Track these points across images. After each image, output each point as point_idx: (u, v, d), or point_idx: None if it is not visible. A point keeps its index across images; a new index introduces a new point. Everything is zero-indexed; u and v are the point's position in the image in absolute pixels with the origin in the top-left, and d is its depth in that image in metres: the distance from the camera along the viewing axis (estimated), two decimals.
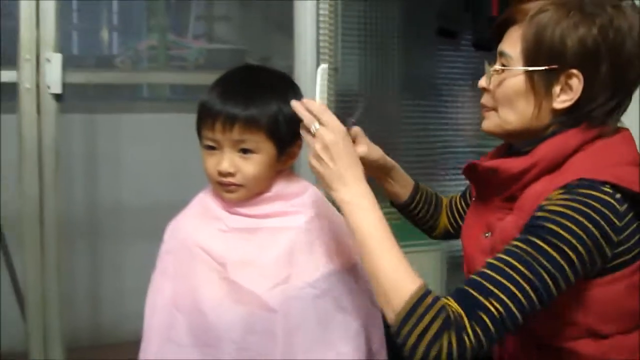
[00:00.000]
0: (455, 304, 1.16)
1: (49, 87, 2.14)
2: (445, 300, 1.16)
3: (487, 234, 1.38)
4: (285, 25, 2.39)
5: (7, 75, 2.16)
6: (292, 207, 1.39)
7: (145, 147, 2.97)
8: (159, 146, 2.96)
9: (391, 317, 1.16)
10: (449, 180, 2.93)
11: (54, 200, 2.31)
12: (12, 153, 2.27)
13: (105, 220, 2.91)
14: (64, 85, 2.15)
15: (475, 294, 1.16)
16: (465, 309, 1.15)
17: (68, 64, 2.14)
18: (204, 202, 1.44)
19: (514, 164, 1.32)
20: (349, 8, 2.67)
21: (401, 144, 2.84)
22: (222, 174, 1.36)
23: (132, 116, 3.08)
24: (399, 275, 1.17)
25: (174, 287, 1.39)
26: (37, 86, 2.14)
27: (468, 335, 1.13)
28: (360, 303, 1.38)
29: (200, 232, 1.40)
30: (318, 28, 2.36)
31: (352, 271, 1.39)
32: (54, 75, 2.13)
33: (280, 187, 1.41)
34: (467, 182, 1.55)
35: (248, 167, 1.36)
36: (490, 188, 1.40)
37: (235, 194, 1.38)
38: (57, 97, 2.16)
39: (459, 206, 1.71)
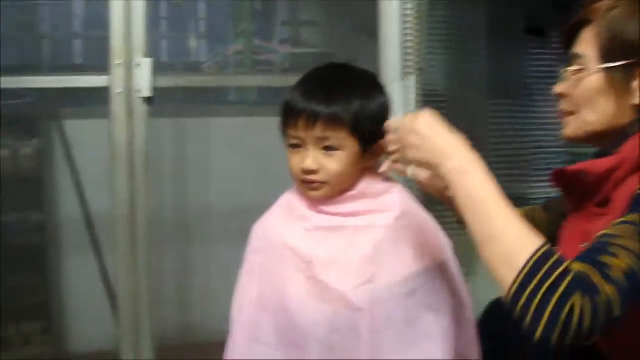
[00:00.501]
0: (581, 264, 1.07)
1: (139, 91, 2.18)
2: (570, 262, 1.08)
3: (584, 244, 1.34)
4: (370, 28, 2.38)
5: (99, 80, 2.22)
6: (378, 205, 1.38)
7: (233, 150, 3.01)
8: (247, 149, 2.99)
9: (511, 277, 1.06)
10: (541, 180, 2.84)
11: (145, 202, 2.36)
12: (104, 156, 2.33)
13: (193, 222, 2.96)
14: (154, 89, 2.19)
15: (597, 257, 1.08)
16: (593, 266, 1.06)
17: (157, 71, 2.19)
18: (289, 202, 1.45)
19: (600, 164, 1.29)
20: (434, 8, 2.64)
21: (490, 145, 2.78)
22: (306, 171, 1.36)
23: (220, 120, 3.13)
24: (521, 232, 1.10)
25: (260, 286, 1.40)
26: (128, 90, 2.19)
27: (600, 295, 1.03)
28: (449, 302, 1.36)
29: (286, 231, 1.40)
30: (403, 29, 2.34)
31: (439, 269, 1.37)
32: (143, 79, 2.18)
33: (365, 185, 1.40)
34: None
35: (332, 164, 1.35)
36: (581, 192, 1.35)
37: (319, 191, 1.37)
38: (147, 101, 2.21)
39: (537, 217, 1.64)
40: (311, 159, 1.35)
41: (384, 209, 1.37)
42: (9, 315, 2.81)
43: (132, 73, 2.18)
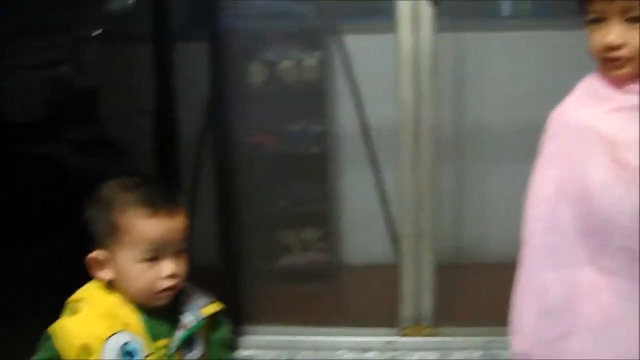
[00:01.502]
0: None
1: None
2: None
3: None
4: None
5: None
6: None
7: (512, 65, 2.87)
8: (525, 65, 2.84)
9: None
10: None
11: (430, 114, 2.36)
12: (381, 71, 2.32)
13: (470, 139, 2.86)
14: None
15: None
16: None
17: None
18: (590, 84, 1.32)
19: None
20: None
21: None
22: (608, 47, 1.22)
23: (497, 35, 2.98)
24: None
25: (559, 173, 1.30)
26: None
27: None
28: None
29: (587, 113, 1.28)
30: None
31: None
32: None
33: None
34: None
35: (637, 37, 1.20)
36: None
37: (623, 69, 1.23)
38: (432, 3, 2.17)
39: None
40: (614, 33, 1.21)
41: None
42: (290, 222, 2.94)
43: None
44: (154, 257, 1.35)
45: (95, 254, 1.38)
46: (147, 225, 1.34)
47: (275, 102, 2.87)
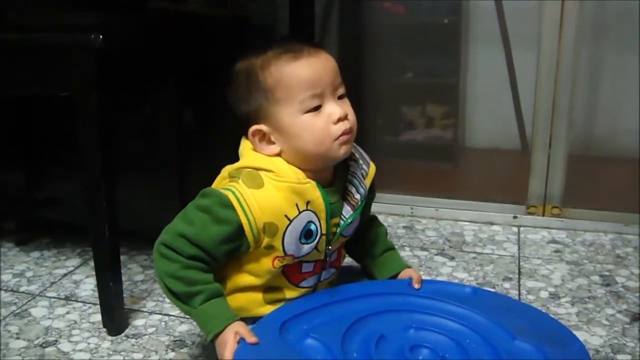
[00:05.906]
0: None
1: None
2: None
3: None
4: None
5: None
6: None
7: None
8: None
9: None
10: None
11: None
12: None
13: (611, 22, 2.67)
14: None
15: None
16: None
17: None
18: None
19: None
20: None
21: None
22: None
23: None
24: None
25: None
26: None
27: None
28: None
29: None
30: None
31: None
32: None
33: None
34: None
35: None
36: None
37: None
38: None
39: None
40: None
41: None
42: (418, 95, 2.84)
43: None
44: (317, 105, 1.29)
45: (256, 127, 1.33)
46: (294, 68, 1.29)
47: None
